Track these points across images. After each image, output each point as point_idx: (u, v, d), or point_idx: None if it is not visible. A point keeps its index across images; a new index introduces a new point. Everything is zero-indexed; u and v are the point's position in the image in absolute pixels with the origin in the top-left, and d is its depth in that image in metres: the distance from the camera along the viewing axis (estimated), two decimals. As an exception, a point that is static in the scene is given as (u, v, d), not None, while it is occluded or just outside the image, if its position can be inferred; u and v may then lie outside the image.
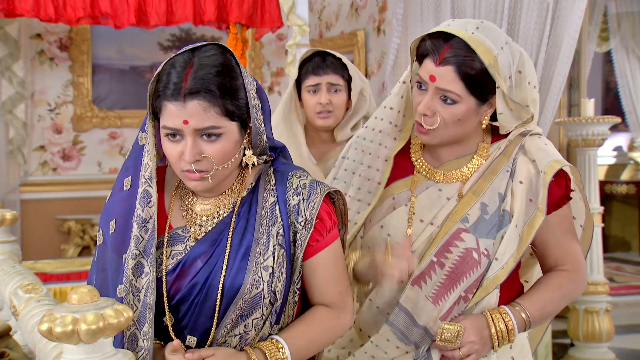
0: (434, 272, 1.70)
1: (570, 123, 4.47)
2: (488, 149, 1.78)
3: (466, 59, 1.61)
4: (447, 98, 1.65)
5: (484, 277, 1.68)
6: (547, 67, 3.17)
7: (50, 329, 1.12)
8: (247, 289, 1.48)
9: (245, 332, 1.51)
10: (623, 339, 5.02)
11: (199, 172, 1.45)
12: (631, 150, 8.61)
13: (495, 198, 1.71)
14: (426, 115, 1.67)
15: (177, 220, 1.57)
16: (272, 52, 6.47)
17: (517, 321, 1.68)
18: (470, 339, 1.65)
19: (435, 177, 1.79)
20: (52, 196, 5.94)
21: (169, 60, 1.47)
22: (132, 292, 1.46)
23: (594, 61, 7.56)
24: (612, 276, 6.73)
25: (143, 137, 1.53)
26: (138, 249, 1.47)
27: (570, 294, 1.77)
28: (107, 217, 1.54)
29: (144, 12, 4.06)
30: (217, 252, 1.51)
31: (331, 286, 1.59)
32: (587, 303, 4.27)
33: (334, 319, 1.59)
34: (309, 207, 1.53)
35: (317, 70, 2.48)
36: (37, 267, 4.02)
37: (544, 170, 1.69)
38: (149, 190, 1.49)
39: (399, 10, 3.71)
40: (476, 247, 1.68)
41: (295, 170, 1.59)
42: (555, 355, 4.38)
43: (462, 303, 1.70)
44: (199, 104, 1.41)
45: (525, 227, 1.69)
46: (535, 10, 3.11)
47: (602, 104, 8.57)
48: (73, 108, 6.07)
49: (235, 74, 1.47)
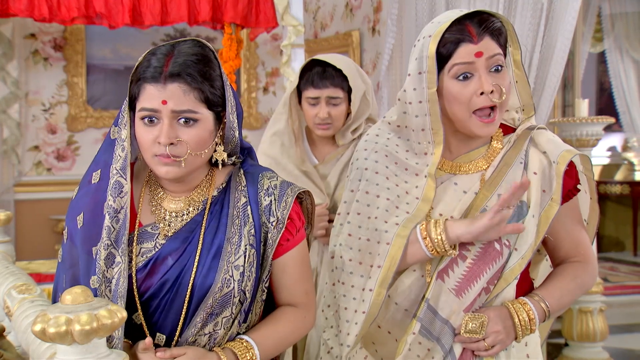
0: (456, 265, 1.71)
1: (565, 123, 4.48)
2: (501, 140, 1.79)
3: (491, 23, 1.66)
4: (496, 67, 1.68)
5: (504, 267, 1.70)
6: (541, 68, 3.18)
7: (44, 330, 1.12)
8: (218, 288, 1.49)
9: (214, 330, 1.52)
10: (617, 338, 5.03)
11: (173, 157, 1.46)
12: (625, 150, 8.63)
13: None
14: (492, 91, 1.66)
15: (146, 217, 1.57)
16: (267, 52, 6.47)
17: (537, 311, 1.70)
18: (495, 329, 1.66)
19: (451, 170, 1.79)
20: (47, 196, 5.92)
21: (150, 50, 1.51)
22: (104, 283, 1.46)
23: (588, 61, 7.57)
24: (606, 276, 6.74)
25: (115, 130, 1.54)
26: (110, 239, 1.48)
27: (584, 284, 1.80)
28: (74, 212, 1.55)
29: (139, 12, 4.05)
30: (188, 250, 1.52)
31: (299, 285, 1.63)
32: (581, 303, 4.28)
33: (300, 319, 1.63)
34: (280, 208, 1.56)
35: (317, 83, 2.44)
36: (31, 268, 4.01)
37: (557, 161, 1.70)
38: (121, 181, 1.50)
39: (393, 10, 3.71)
40: (498, 239, 1.69)
41: (266, 172, 1.62)
42: (549, 355, 4.39)
43: (484, 295, 1.70)
44: (179, 86, 1.44)
45: (541, 217, 1.70)
46: (530, 11, 3.12)
47: (596, 104, 8.59)
48: (67, 108, 6.05)
49: (214, 65, 1.51)
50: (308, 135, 2.61)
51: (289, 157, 2.55)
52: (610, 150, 8.79)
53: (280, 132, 2.58)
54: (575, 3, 3.10)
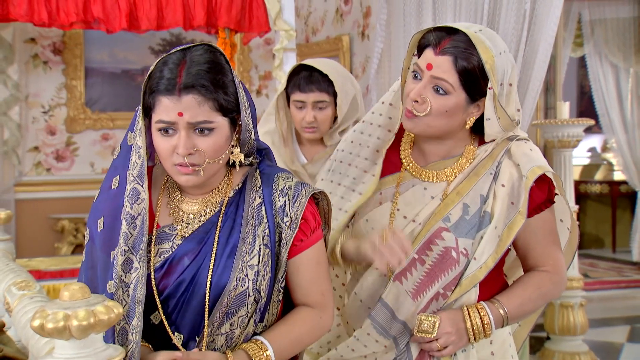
0: (414, 269, 1.70)
1: (547, 125, 4.49)
2: (474, 152, 1.77)
3: (465, 52, 1.62)
4: (439, 88, 1.65)
5: (462, 275, 1.68)
6: (524, 71, 3.19)
7: (43, 325, 1.11)
8: (233, 287, 1.47)
9: (231, 330, 1.50)
10: (596, 332, 5.06)
11: (192, 166, 1.45)
12: (604, 151, 8.68)
13: (477, 199, 1.71)
14: (417, 101, 1.67)
15: (164, 219, 1.56)
16: (260, 56, 6.46)
17: (494, 316, 1.68)
18: (447, 330, 1.65)
19: (421, 176, 1.78)
20: (46, 196, 5.90)
21: (161, 59, 1.47)
22: (121, 287, 1.44)
23: (569, 66, 7.60)
24: (587, 272, 6.78)
25: (132, 137, 1.52)
26: (127, 245, 1.45)
27: (548, 294, 1.77)
28: (96, 215, 1.52)
29: (135, 17, 4.03)
30: (204, 250, 1.50)
31: (314, 285, 1.59)
32: (562, 298, 4.29)
33: (316, 319, 1.59)
34: (294, 208, 1.53)
35: (303, 87, 2.42)
36: (31, 265, 3.99)
37: (526, 175, 1.68)
38: (137, 188, 1.47)
39: (382, 16, 3.71)
40: (455, 246, 1.68)
41: (281, 173, 1.59)
42: (532, 348, 4.41)
43: (441, 300, 1.69)
44: (193, 98, 1.41)
45: (506, 229, 1.68)
46: (513, 17, 3.13)
47: (577, 107, 8.62)
48: (66, 110, 6.03)
49: (226, 71, 1.47)
50: (297, 136, 2.61)
51: (279, 156, 2.55)
52: (591, 151, 8.84)
53: (272, 131, 2.58)
54: (556, 10, 3.11)
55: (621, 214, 8.16)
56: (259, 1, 4.16)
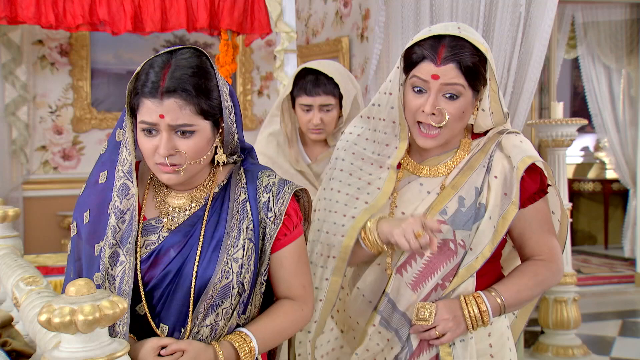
0: (414, 261, 1.71)
1: (541, 124, 4.50)
2: (469, 145, 1.77)
3: (464, 55, 1.63)
4: (452, 95, 1.65)
5: (460, 266, 1.69)
6: (519, 72, 3.19)
7: (49, 320, 1.11)
8: (218, 279, 1.48)
9: (215, 321, 1.51)
10: (589, 326, 5.06)
11: (172, 166, 1.46)
12: (597, 150, 8.68)
13: (472, 192, 1.71)
14: (434, 114, 1.66)
15: (151, 212, 1.57)
16: (262, 57, 6.45)
17: (491, 305, 1.68)
18: (444, 317, 1.65)
19: (418, 172, 1.78)
20: (53, 193, 5.90)
21: (148, 60, 1.47)
22: (108, 280, 1.45)
23: (563, 67, 7.59)
24: (580, 268, 6.78)
25: (120, 133, 1.53)
26: (115, 238, 1.47)
27: (545, 282, 1.76)
28: (82, 208, 1.53)
29: (140, 19, 4.03)
30: (189, 242, 1.51)
31: (296, 279, 1.60)
32: (556, 293, 4.30)
33: (298, 311, 1.60)
34: (278, 204, 1.55)
35: (310, 91, 2.42)
36: (38, 261, 3.99)
37: (517, 166, 1.68)
38: (127, 184, 1.49)
39: (381, 18, 3.71)
40: (453, 238, 1.68)
41: (264, 170, 1.61)
42: (526, 342, 4.41)
43: (440, 290, 1.70)
44: (175, 101, 1.42)
45: (500, 219, 1.69)
46: (508, 19, 3.13)
47: (571, 107, 8.62)
48: (73, 110, 6.02)
49: (210, 75, 1.47)
50: (301, 136, 2.60)
51: (284, 156, 2.55)
52: (584, 150, 8.85)
53: (276, 132, 2.58)
54: (550, 12, 3.11)
55: (613, 212, 8.17)
56: (261, 4, 4.15)
